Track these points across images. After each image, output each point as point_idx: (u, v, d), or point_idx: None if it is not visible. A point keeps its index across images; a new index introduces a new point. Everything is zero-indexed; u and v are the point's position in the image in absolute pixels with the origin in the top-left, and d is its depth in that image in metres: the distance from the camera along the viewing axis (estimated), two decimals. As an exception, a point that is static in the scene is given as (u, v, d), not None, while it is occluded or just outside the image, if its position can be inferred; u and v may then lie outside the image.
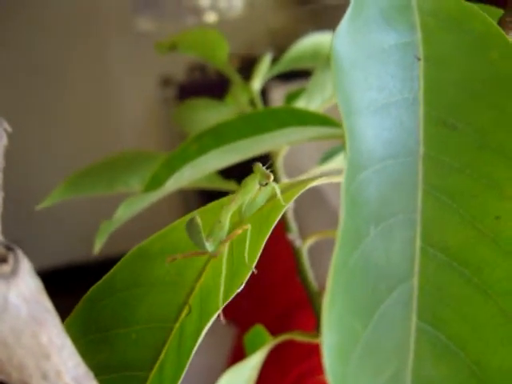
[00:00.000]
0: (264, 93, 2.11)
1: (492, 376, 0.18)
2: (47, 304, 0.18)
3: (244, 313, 1.43)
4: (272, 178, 0.26)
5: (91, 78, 2.68)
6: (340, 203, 0.18)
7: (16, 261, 0.17)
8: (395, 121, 0.21)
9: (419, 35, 0.24)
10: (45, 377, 0.17)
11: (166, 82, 2.71)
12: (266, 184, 0.26)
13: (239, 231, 0.25)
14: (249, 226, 0.25)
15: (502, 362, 0.18)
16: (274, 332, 0.48)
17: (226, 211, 0.26)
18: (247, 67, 0.79)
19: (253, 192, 0.26)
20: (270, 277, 1.41)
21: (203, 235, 0.25)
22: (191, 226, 0.25)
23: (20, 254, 0.18)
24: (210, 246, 0.25)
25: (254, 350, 0.44)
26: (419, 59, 0.23)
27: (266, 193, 0.26)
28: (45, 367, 0.17)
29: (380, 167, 0.20)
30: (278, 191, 0.25)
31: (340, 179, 0.27)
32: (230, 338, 1.48)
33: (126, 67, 2.68)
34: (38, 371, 0.17)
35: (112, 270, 0.26)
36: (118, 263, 0.26)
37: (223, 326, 1.50)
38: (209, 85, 2.57)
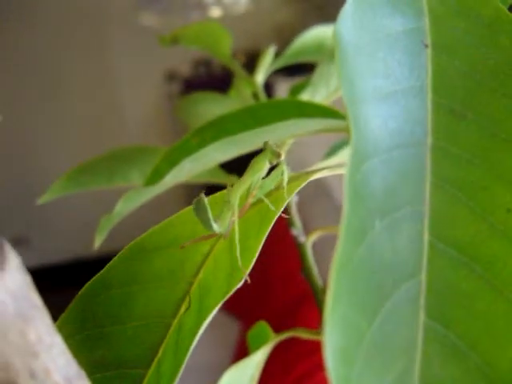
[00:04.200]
0: (270, 87, 2.11)
1: (504, 378, 0.17)
2: (36, 300, 0.17)
3: (249, 308, 1.43)
4: (283, 156, 0.25)
5: (96, 73, 2.67)
6: (343, 196, 0.17)
7: (3, 256, 0.16)
8: (402, 109, 0.20)
9: (427, 21, 0.23)
10: (33, 376, 0.16)
11: (171, 76, 2.71)
12: (277, 164, 0.25)
13: (248, 205, 0.24)
14: (255, 192, 0.24)
15: (514, 362, 0.17)
16: (279, 327, 0.47)
17: (235, 191, 0.25)
18: (253, 62, 0.78)
19: (262, 171, 0.25)
20: (275, 272, 1.40)
21: (210, 215, 0.24)
22: (198, 205, 0.24)
23: (7, 248, 0.17)
24: (217, 227, 0.24)
25: (257, 347, 0.44)
26: (427, 46, 0.22)
27: (275, 175, 0.25)
28: (33, 366, 0.16)
29: (386, 157, 0.19)
30: (286, 174, 0.24)
31: (342, 171, 0.26)
32: (235, 333, 1.48)
33: (131, 62, 2.68)
34: (25, 370, 0.16)
35: (107, 266, 0.25)
36: (114, 258, 0.25)
37: (228, 322, 1.50)
38: (214, 80, 2.57)
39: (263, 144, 0.25)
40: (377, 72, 0.20)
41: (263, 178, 0.26)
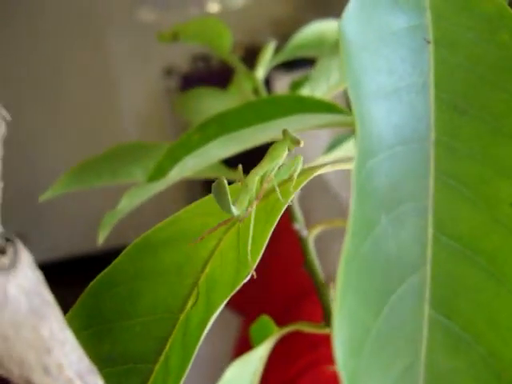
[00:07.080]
0: (268, 83, 2.11)
1: (508, 368, 0.18)
2: (48, 297, 0.17)
3: (250, 302, 1.43)
4: (302, 144, 0.25)
5: (94, 69, 2.67)
6: (350, 191, 0.18)
7: (15, 253, 0.17)
8: (406, 105, 0.21)
9: (429, 17, 0.23)
10: (46, 371, 0.17)
11: (169, 72, 2.70)
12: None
13: (263, 190, 0.24)
14: (271, 177, 0.25)
15: (517, 353, 0.18)
16: (281, 321, 0.47)
17: (253, 175, 0.25)
18: (251, 57, 0.78)
19: (281, 158, 0.25)
20: (277, 266, 1.40)
21: (230, 197, 0.24)
22: (218, 188, 0.24)
23: (20, 245, 0.17)
24: (236, 211, 0.25)
25: (260, 341, 0.44)
26: (429, 42, 0.22)
27: (290, 165, 0.25)
28: (46, 361, 0.17)
29: (390, 154, 0.19)
30: (300, 165, 0.25)
31: (346, 166, 0.26)
32: (236, 327, 1.48)
33: (130, 57, 2.67)
34: (39, 366, 0.17)
35: (115, 261, 0.25)
36: (121, 254, 0.25)
37: (229, 315, 1.50)
38: (212, 75, 2.56)
39: (282, 132, 0.26)
40: (381, 69, 0.21)
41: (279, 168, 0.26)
